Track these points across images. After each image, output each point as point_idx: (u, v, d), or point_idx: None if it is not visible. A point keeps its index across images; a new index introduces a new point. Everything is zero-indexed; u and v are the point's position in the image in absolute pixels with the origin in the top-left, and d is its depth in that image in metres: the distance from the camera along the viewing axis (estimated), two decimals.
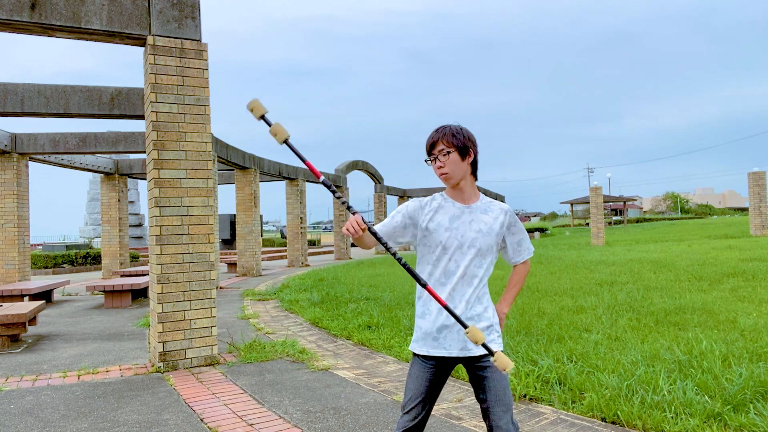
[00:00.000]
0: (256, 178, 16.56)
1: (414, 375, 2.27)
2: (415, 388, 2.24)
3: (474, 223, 2.22)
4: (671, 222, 49.05)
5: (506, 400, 2.15)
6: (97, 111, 8.45)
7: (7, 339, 6.57)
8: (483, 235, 2.22)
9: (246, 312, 8.69)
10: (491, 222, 2.24)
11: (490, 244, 2.23)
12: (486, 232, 2.22)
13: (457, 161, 2.21)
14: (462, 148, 2.21)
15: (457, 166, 2.21)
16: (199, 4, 5.51)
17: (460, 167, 2.22)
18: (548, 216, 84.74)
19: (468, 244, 2.21)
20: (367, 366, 5.23)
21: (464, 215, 2.24)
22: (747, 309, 6.61)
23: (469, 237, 2.21)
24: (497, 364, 1.97)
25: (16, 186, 11.94)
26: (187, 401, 4.29)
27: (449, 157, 2.20)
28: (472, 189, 2.28)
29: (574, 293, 8.52)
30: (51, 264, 20.80)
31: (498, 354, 1.97)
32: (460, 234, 2.21)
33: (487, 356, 2.17)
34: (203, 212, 5.51)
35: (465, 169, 2.23)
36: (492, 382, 2.16)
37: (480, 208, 2.26)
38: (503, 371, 1.98)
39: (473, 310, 2.20)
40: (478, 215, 2.24)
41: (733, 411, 3.39)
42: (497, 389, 2.15)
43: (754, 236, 22.16)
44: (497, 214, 2.26)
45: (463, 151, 2.21)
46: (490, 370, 2.17)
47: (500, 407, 2.14)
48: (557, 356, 4.70)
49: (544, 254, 17.21)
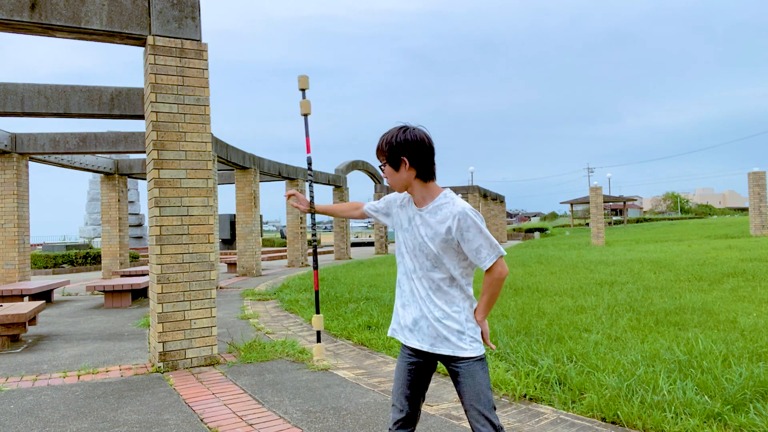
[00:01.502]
0: (256, 178, 16.56)
1: (397, 366, 2.33)
2: (397, 378, 2.31)
3: (422, 227, 2.22)
4: (671, 222, 49.05)
5: (480, 403, 2.14)
6: (97, 111, 8.45)
7: (7, 339, 6.57)
8: (429, 240, 2.19)
9: (246, 312, 8.68)
10: (436, 226, 2.18)
11: (437, 249, 2.17)
12: (431, 236, 2.18)
13: (391, 173, 2.23)
14: (392, 161, 2.19)
15: (393, 176, 2.23)
16: (199, 4, 5.51)
17: (397, 177, 2.22)
18: (548, 216, 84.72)
19: (418, 247, 2.22)
20: (367, 366, 5.23)
21: (416, 218, 2.25)
22: (747, 309, 6.61)
23: (418, 240, 2.22)
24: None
25: (16, 186, 11.94)
26: (187, 401, 4.28)
27: (385, 169, 2.25)
28: (425, 191, 2.23)
29: (574, 293, 8.52)
30: (51, 264, 20.80)
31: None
32: (412, 236, 2.24)
33: (459, 360, 2.18)
34: (203, 212, 5.51)
35: (404, 177, 2.21)
36: (465, 387, 2.17)
37: (430, 211, 2.21)
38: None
39: (432, 312, 2.20)
40: (426, 218, 2.22)
41: (733, 411, 3.39)
42: (469, 395, 2.15)
43: (754, 236, 22.16)
44: (445, 218, 2.16)
45: (394, 163, 2.19)
46: (461, 375, 2.17)
47: (474, 411, 2.14)
48: (557, 356, 4.70)
49: (544, 254, 17.21)
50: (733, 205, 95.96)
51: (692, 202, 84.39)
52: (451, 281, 2.20)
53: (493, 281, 2.17)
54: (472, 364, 2.17)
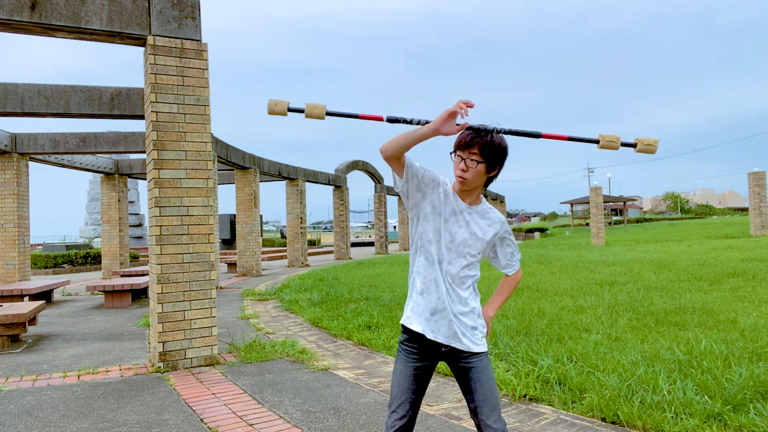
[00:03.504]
0: (256, 178, 16.56)
1: (398, 370, 2.27)
2: (400, 383, 2.24)
3: (470, 225, 2.23)
4: (671, 222, 49.05)
5: (493, 399, 2.15)
6: (97, 111, 8.45)
7: (7, 339, 6.57)
8: (476, 239, 2.23)
9: (246, 312, 8.68)
10: (486, 228, 2.25)
11: (479, 248, 2.25)
12: (479, 236, 2.24)
13: (481, 173, 2.18)
14: (491, 162, 2.18)
15: (479, 177, 2.19)
16: (199, 4, 5.51)
17: (481, 179, 2.21)
18: (548, 216, 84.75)
19: (463, 243, 2.22)
20: (367, 366, 5.23)
21: (464, 213, 2.23)
22: (747, 309, 6.61)
23: (461, 236, 2.21)
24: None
25: (16, 186, 11.94)
26: (187, 401, 4.29)
27: (476, 166, 2.16)
28: (477, 195, 2.28)
29: (574, 293, 8.52)
30: (51, 264, 20.80)
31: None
32: (453, 230, 2.22)
33: (472, 355, 2.19)
34: (203, 212, 5.51)
35: (484, 180, 2.23)
36: (478, 382, 2.16)
37: (479, 212, 2.26)
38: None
39: (454, 306, 2.20)
40: (475, 218, 2.25)
41: (733, 411, 3.39)
42: (484, 389, 2.15)
43: (754, 236, 22.16)
44: (494, 222, 2.28)
45: (492, 165, 2.19)
46: (475, 370, 2.17)
47: (488, 406, 2.14)
48: (557, 356, 4.70)
49: (544, 254, 17.21)
50: (733, 205, 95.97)
51: (692, 202, 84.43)
52: (473, 280, 2.26)
53: (516, 283, 2.42)
54: (484, 358, 2.20)
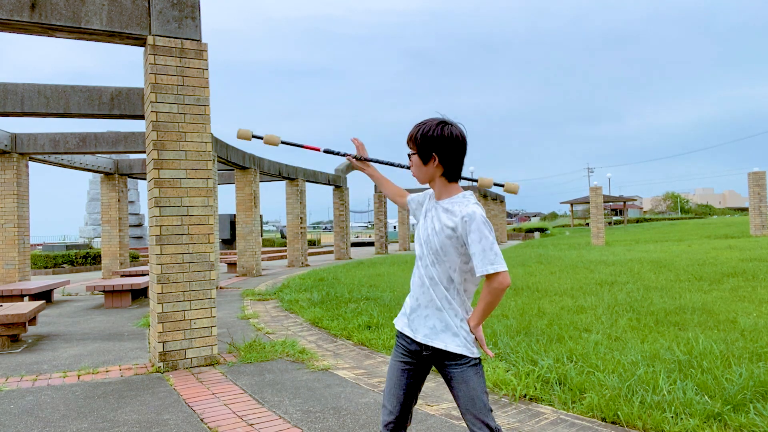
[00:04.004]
0: (256, 178, 16.56)
1: (390, 368, 2.28)
2: (389, 378, 2.27)
3: (435, 219, 2.18)
4: (671, 222, 49.04)
5: (476, 408, 2.10)
6: (97, 111, 8.45)
7: (7, 339, 6.57)
8: (434, 234, 2.15)
9: (246, 312, 8.68)
10: (445, 221, 2.13)
11: (439, 243, 2.12)
12: (438, 230, 2.14)
13: (418, 164, 2.19)
14: (423, 153, 2.16)
15: (419, 169, 2.20)
16: (199, 4, 5.51)
17: (423, 170, 2.19)
18: (548, 216, 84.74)
19: (424, 239, 2.19)
20: (367, 366, 5.23)
21: (432, 210, 2.23)
22: (747, 309, 6.60)
23: (428, 232, 2.19)
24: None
25: (16, 186, 11.94)
26: (187, 401, 4.29)
27: (412, 159, 2.21)
28: (444, 189, 2.21)
29: (574, 293, 8.52)
30: (51, 264, 20.80)
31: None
32: (425, 227, 2.22)
33: (453, 363, 2.14)
34: (203, 212, 5.51)
35: (430, 173, 2.19)
36: (459, 392, 2.13)
37: (444, 206, 2.18)
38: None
39: (431, 304, 2.16)
40: (439, 212, 2.18)
41: (733, 411, 3.39)
42: (464, 398, 2.12)
43: (754, 236, 22.16)
44: (454, 215, 2.12)
45: (424, 156, 2.16)
46: (455, 380, 2.14)
47: (468, 416, 2.11)
48: (557, 356, 4.70)
49: (544, 254, 17.21)
50: (733, 205, 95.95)
51: (692, 202, 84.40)
52: (449, 282, 2.15)
53: (492, 290, 2.06)
54: (466, 369, 2.12)
